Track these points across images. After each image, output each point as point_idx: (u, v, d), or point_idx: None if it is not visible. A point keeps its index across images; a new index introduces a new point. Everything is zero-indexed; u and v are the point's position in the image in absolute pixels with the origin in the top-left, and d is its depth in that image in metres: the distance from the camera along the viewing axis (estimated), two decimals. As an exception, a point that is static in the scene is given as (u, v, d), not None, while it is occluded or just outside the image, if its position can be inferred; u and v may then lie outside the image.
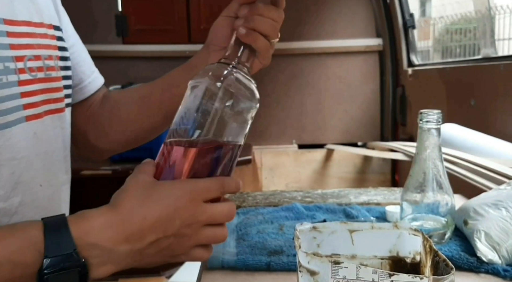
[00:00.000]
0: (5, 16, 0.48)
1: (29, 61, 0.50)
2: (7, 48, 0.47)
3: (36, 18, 0.53)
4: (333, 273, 0.32)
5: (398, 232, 0.41)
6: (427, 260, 0.38)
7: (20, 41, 0.49)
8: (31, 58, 0.50)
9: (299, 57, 2.33)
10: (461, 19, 3.13)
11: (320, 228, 0.40)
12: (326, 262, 0.32)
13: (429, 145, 0.58)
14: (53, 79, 0.54)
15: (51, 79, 0.54)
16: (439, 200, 0.59)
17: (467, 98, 1.49)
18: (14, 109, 0.48)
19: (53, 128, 0.55)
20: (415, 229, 0.41)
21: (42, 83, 0.52)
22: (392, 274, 0.31)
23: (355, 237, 0.41)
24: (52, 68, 0.54)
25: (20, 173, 0.48)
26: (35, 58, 0.51)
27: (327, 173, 2.35)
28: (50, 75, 0.54)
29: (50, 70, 0.54)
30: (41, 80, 0.52)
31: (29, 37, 0.51)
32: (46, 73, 0.53)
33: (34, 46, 0.51)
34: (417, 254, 0.40)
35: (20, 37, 0.49)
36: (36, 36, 0.52)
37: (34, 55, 0.51)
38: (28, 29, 0.51)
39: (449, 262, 0.35)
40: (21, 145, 0.48)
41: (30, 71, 0.50)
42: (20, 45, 0.49)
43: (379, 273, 0.32)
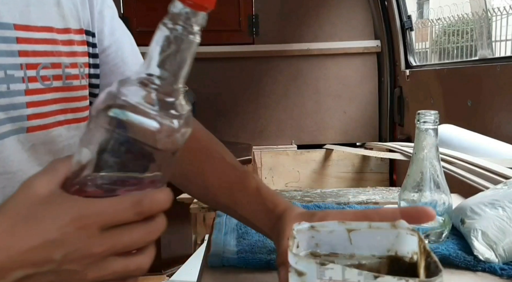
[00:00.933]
0: (17, 21, 0.45)
1: (43, 70, 0.47)
2: (14, 55, 0.44)
3: (60, 24, 0.50)
4: (319, 274, 0.32)
5: (396, 232, 0.40)
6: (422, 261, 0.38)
7: (35, 48, 0.46)
8: (47, 66, 0.47)
9: (298, 58, 2.34)
10: (458, 21, 3.14)
11: (318, 227, 0.40)
12: (312, 264, 0.32)
13: (427, 145, 0.59)
14: (74, 88, 0.51)
15: (71, 88, 0.50)
16: (436, 199, 0.60)
17: (464, 99, 1.50)
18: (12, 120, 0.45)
19: (68, 139, 0.51)
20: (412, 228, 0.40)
21: (58, 93, 0.49)
22: (377, 276, 0.31)
23: (353, 236, 0.41)
24: (74, 77, 0.51)
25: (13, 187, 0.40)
26: (52, 66, 0.48)
27: (326, 173, 2.36)
28: (71, 84, 0.50)
29: (72, 79, 0.50)
30: (57, 89, 0.49)
31: (48, 43, 0.48)
32: (65, 82, 0.49)
33: (54, 54, 0.48)
34: (415, 253, 0.40)
35: (35, 43, 0.46)
36: (57, 43, 0.49)
37: (52, 63, 0.48)
38: (47, 35, 0.48)
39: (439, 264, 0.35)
40: (14, 157, 0.45)
41: (43, 80, 0.47)
42: (34, 52, 0.46)
43: (364, 275, 0.31)
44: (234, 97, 2.39)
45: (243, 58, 2.34)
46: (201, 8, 0.35)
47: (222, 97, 2.40)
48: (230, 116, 2.42)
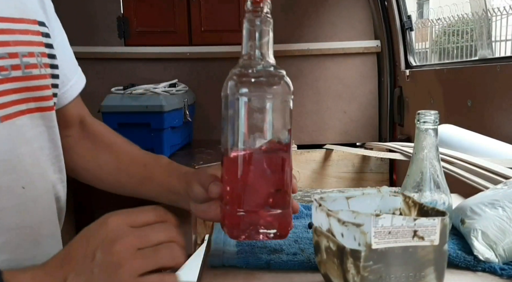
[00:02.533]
0: None
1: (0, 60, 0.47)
2: None
3: (16, 13, 0.50)
4: (374, 223, 0.42)
5: (381, 195, 0.55)
6: (411, 213, 0.52)
7: None
8: (4, 56, 0.48)
9: (298, 59, 2.34)
10: (458, 21, 3.14)
11: (325, 198, 0.52)
12: (369, 216, 0.43)
13: (427, 145, 0.59)
14: (35, 77, 0.51)
15: (31, 78, 0.51)
16: (436, 199, 0.60)
17: (464, 99, 1.50)
18: None
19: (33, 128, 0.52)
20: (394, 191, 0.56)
21: (18, 82, 0.49)
22: (416, 219, 0.43)
23: (350, 202, 0.53)
24: (33, 66, 0.51)
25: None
26: (9, 56, 0.48)
27: (326, 173, 2.36)
28: (30, 73, 0.51)
29: (31, 68, 0.51)
30: (16, 79, 0.49)
31: (4, 33, 0.48)
32: (24, 72, 0.50)
33: (9, 43, 0.48)
34: (396, 210, 0.55)
35: None
36: (14, 32, 0.49)
37: (8, 53, 0.48)
38: (3, 25, 0.48)
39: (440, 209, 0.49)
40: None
41: (0, 70, 0.47)
42: None
43: (407, 219, 0.43)
44: (234, 98, 2.39)
45: (243, 58, 2.34)
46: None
47: (222, 98, 2.39)
48: (230, 116, 2.42)
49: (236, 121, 0.49)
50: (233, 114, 0.49)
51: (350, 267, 0.44)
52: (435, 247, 0.44)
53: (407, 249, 0.44)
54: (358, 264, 0.43)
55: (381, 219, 0.42)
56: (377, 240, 0.42)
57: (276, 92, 0.49)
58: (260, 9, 0.51)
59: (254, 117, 0.48)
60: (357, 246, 0.43)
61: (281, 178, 0.51)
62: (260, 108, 0.48)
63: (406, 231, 0.43)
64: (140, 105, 1.63)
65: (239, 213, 0.50)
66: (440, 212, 0.48)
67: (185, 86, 2.02)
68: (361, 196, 0.54)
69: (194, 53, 2.31)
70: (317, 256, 0.51)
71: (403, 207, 0.54)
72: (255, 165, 0.50)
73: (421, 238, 0.44)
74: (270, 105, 0.49)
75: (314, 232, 0.51)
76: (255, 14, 0.51)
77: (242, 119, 0.48)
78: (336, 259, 0.46)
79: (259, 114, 0.48)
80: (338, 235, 0.46)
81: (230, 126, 0.50)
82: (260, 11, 0.51)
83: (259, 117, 0.49)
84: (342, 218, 0.45)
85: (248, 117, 0.48)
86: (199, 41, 2.30)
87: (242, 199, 0.51)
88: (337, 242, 0.46)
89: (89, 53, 2.18)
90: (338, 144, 2.38)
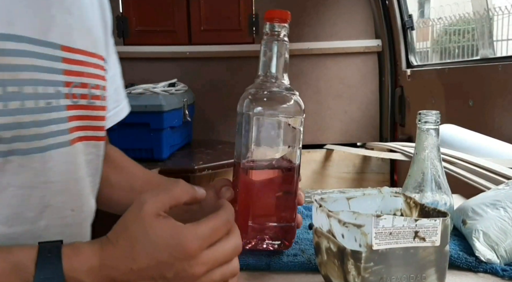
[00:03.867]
0: (63, 43, 0.49)
1: (74, 88, 0.51)
2: (60, 73, 0.49)
3: (91, 48, 0.54)
4: (375, 224, 0.42)
5: (381, 196, 0.55)
6: (412, 213, 0.52)
7: (73, 68, 0.50)
8: (77, 85, 0.51)
9: (298, 58, 2.33)
10: (459, 20, 3.13)
11: (326, 199, 0.53)
12: (370, 217, 0.43)
13: (428, 145, 0.59)
14: (96, 107, 0.55)
15: (93, 107, 0.54)
16: (438, 200, 0.60)
17: (465, 99, 1.50)
18: (59, 133, 0.49)
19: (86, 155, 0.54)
20: (395, 192, 0.55)
21: (83, 110, 0.53)
22: (417, 220, 0.43)
23: (351, 203, 0.54)
24: (97, 97, 0.55)
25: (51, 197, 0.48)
26: (81, 85, 0.52)
27: (326, 173, 2.35)
28: (94, 103, 0.54)
29: (95, 99, 0.54)
30: (82, 107, 0.52)
31: (82, 65, 0.52)
32: (89, 101, 0.53)
33: (84, 74, 0.52)
34: (397, 210, 0.55)
35: (74, 64, 0.51)
36: (89, 65, 0.53)
37: (81, 83, 0.52)
38: (82, 57, 0.52)
39: (441, 209, 0.48)
40: (57, 169, 0.49)
41: (73, 97, 0.51)
42: (71, 71, 0.50)
43: (408, 220, 0.43)
44: (234, 97, 2.38)
45: (243, 58, 2.34)
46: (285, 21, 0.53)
47: (222, 97, 2.39)
48: (230, 116, 2.41)
49: (249, 137, 0.52)
50: (247, 130, 0.53)
51: (350, 268, 0.44)
52: (436, 248, 0.44)
53: (408, 250, 0.43)
54: (359, 265, 0.43)
55: (382, 220, 0.42)
56: (378, 241, 0.42)
57: (288, 113, 0.52)
58: (277, 33, 0.53)
59: (266, 135, 0.52)
60: (358, 247, 0.43)
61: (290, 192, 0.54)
62: (272, 127, 0.52)
63: (407, 232, 0.43)
64: (139, 105, 1.62)
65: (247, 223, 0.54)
66: (441, 213, 0.47)
67: (184, 86, 2.02)
68: (361, 196, 0.54)
69: (194, 52, 2.31)
70: (318, 257, 0.51)
71: (404, 208, 0.54)
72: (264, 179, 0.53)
73: (422, 239, 0.43)
74: (281, 124, 0.52)
75: (315, 233, 0.51)
76: (273, 37, 0.53)
77: (254, 136, 0.52)
78: (336, 260, 0.46)
79: (271, 132, 0.52)
80: (338, 236, 0.46)
81: (243, 140, 0.53)
82: (278, 34, 0.53)
83: (270, 135, 0.52)
84: (342, 219, 0.45)
85: (260, 135, 0.52)
86: (198, 40, 2.29)
87: (250, 211, 0.54)
88: (337, 243, 0.46)
89: (89, 53, 2.18)
90: (339, 144, 2.37)
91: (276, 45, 0.53)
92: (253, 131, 0.52)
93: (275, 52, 0.53)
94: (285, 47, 0.54)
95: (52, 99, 0.48)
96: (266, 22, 0.54)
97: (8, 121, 0.44)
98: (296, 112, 0.53)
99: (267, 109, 0.52)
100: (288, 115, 0.53)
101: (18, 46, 0.44)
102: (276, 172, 0.55)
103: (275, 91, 0.53)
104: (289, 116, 0.53)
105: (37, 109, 0.46)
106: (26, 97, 0.45)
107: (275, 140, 0.53)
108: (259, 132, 0.52)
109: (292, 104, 0.53)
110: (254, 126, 0.52)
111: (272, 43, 0.53)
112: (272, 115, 0.52)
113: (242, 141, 0.53)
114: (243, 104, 0.54)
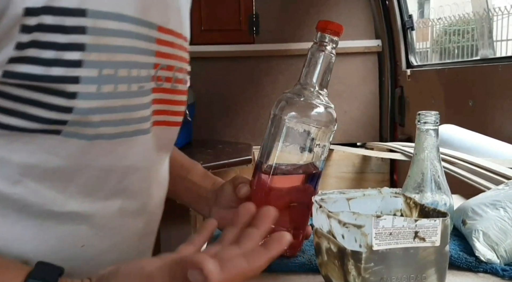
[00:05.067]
0: (160, 23, 0.46)
1: (161, 70, 0.48)
2: (153, 55, 0.46)
3: (178, 28, 0.51)
4: (375, 224, 0.42)
5: (381, 196, 0.54)
6: (412, 214, 0.52)
7: (162, 49, 0.47)
8: (164, 68, 0.48)
9: (298, 58, 2.33)
10: (459, 20, 3.14)
11: (326, 199, 0.52)
12: (369, 217, 0.43)
13: (427, 146, 0.59)
14: (179, 92, 0.52)
15: (176, 91, 0.51)
16: (438, 200, 0.60)
17: (465, 99, 1.50)
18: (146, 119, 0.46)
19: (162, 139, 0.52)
20: (395, 192, 0.55)
21: (166, 94, 0.50)
22: (417, 220, 0.43)
23: (351, 203, 0.53)
24: (180, 81, 0.52)
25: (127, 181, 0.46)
26: (167, 68, 0.49)
27: (326, 173, 2.35)
28: (177, 87, 0.51)
29: (178, 83, 0.51)
30: (165, 90, 0.49)
31: (171, 46, 0.49)
32: (173, 85, 0.50)
33: (171, 56, 0.49)
34: (397, 211, 0.54)
35: (164, 45, 0.48)
36: (175, 46, 0.50)
37: (168, 65, 0.49)
38: (171, 38, 0.49)
39: (440, 210, 0.48)
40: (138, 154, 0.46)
41: (158, 80, 0.47)
42: (161, 53, 0.47)
43: (408, 220, 0.43)
44: (234, 97, 2.39)
45: (243, 58, 2.34)
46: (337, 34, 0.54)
47: (222, 97, 2.39)
48: (230, 116, 2.42)
49: (277, 141, 0.52)
50: (276, 133, 0.52)
51: (351, 268, 0.44)
52: (436, 248, 0.44)
53: (408, 250, 0.43)
54: (359, 265, 0.43)
55: (382, 220, 0.42)
56: (378, 241, 0.42)
57: (320, 123, 0.53)
58: (326, 43, 0.54)
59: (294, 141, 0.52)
60: (358, 248, 0.43)
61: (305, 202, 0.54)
62: (301, 134, 0.52)
63: (407, 232, 0.43)
64: (140, 105, 1.62)
65: None
66: (441, 213, 0.47)
67: (187, 86, 2.01)
68: (361, 197, 0.54)
69: (194, 52, 2.29)
70: (318, 257, 0.51)
71: (404, 208, 0.54)
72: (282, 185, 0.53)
73: (422, 239, 0.43)
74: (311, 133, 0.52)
75: (315, 233, 0.51)
76: (321, 48, 0.54)
77: (282, 141, 0.52)
78: (337, 260, 0.46)
79: (299, 139, 0.52)
80: (338, 236, 0.46)
81: (270, 143, 0.53)
82: (326, 45, 0.54)
83: (299, 142, 0.52)
84: (342, 219, 0.45)
85: (288, 141, 0.52)
86: (199, 40, 2.29)
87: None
88: (338, 244, 0.46)
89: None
90: (339, 143, 2.37)
91: (323, 56, 0.54)
92: (282, 138, 0.52)
93: (320, 63, 0.54)
94: (331, 59, 0.54)
95: (144, 82, 0.44)
96: (318, 31, 0.54)
97: (100, 105, 0.40)
98: (328, 124, 0.54)
99: (301, 117, 0.52)
100: (319, 125, 0.53)
101: (120, 25, 0.41)
102: (296, 179, 0.54)
103: (313, 100, 0.53)
104: (320, 127, 0.53)
105: (129, 94, 0.43)
106: (120, 81, 0.41)
107: (302, 147, 0.52)
108: (288, 137, 0.52)
109: (326, 116, 0.53)
110: (283, 132, 0.52)
111: (320, 53, 0.54)
112: (305, 123, 0.52)
113: (269, 145, 0.53)
114: (277, 107, 0.53)
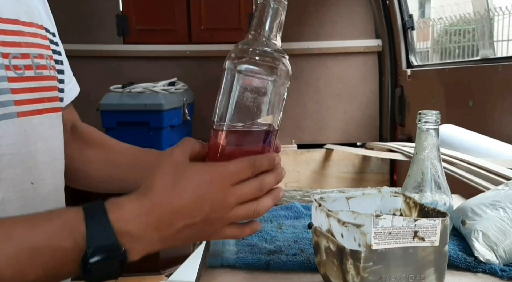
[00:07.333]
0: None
1: (14, 59, 0.50)
2: None
3: (24, 17, 0.53)
4: (374, 224, 0.42)
5: (381, 195, 0.55)
6: (412, 213, 0.52)
7: (6, 39, 0.49)
8: (17, 56, 0.50)
9: (298, 58, 2.33)
10: (460, 20, 3.13)
11: (325, 198, 0.53)
12: (369, 216, 0.43)
13: (428, 146, 0.59)
14: (46, 78, 0.54)
15: (42, 78, 0.53)
16: (437, 200, 0.60)
17: (465, 99, 1.50)
18: (3, 104, 0.48)
19: (52, 127, 0.54)
20: (395, 192, 0.56)
21: (33, 82, 0.51)
22: (417, 219, 0.43)
23: (350, 203, 0.53)
24: (43, 67, 0.54)
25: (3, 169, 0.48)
26: (21, 56, 0.51)
27: (326, 173, 2.35)
28: (41, 74, 0.53)
29: (41, 69, 0.53)
30: (31, 78, 0.51)
31: (16, 35, 0.51)
32: (36, 72, 0.52)
33: (21, 44, 0.51)
34: (396, 210, 0.54)
35: (5, 34, 0.49)
36: (24, 34, 0.52)
37: (21, 54, 0.51)
38: (15, 27, 0.51)
39: (440, 210, 0.48)
40: (6, 141, 0.48)
41: (15, 69, 0.49)
42: (5, 42, 0.49)
43: (407, 220, 0.43)
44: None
45: (243, 57, 2.33)
46: None
47: (223, 96, 2.39)
48: (230, 115, 2.41)
49: (229, 95, 0.48)
50: (228, 88, 0.49)
51: (350, 267, 0.44)
52: (435, 248, 0.44)
53: (407, 250, 0.43)
54: (358, 264, 0.43)
55: (381, 220, 0.42)
56: (377, 241, 0.42)
57: (274, 75, 0.48)
58: None
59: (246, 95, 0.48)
60: (357, 247, 0.43)
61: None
62: (254, 88, 0.48)
63: (406, 231, 0.43)
64: (139, 104, 1.63)
65: None
66: (440, 213, 0.47)
67: (184, 85, 2.02)
68: (361, 196, 0.54)
69: (194, 51, 2.30)
70: (317, 256, 0.51)
71: (403, 208, 0.54)
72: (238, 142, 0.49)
73: (421, 239, 0.43)
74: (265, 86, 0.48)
75: (314, 232, 0.51)
76: None
77: (234, 95, 0.48)
78: (335, 259, 0.46)
79: (251, 93, 0.48)
80: (338, 235, 0.46)
81: (223, 99, 0.49)
82: None
83: (250, 96, 0.48)
84: (342, 219, 0.45)
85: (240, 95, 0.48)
86: (199, 39, 2.29)
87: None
88: (337, 243, 0.46)
89: (87, 51, 2.17)
90: (339, 143, 2.37)
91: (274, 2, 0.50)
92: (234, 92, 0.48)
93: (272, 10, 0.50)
94: (283, 6, 0.50)
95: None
96: None
97: None
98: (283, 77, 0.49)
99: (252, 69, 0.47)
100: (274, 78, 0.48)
101: None
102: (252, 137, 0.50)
103: (264, 51, 0.48)
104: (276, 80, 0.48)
105: None
106: None
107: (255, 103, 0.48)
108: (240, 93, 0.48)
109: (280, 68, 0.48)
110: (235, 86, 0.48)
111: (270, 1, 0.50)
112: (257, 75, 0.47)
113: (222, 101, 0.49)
114: (229, 59, 0.49)
